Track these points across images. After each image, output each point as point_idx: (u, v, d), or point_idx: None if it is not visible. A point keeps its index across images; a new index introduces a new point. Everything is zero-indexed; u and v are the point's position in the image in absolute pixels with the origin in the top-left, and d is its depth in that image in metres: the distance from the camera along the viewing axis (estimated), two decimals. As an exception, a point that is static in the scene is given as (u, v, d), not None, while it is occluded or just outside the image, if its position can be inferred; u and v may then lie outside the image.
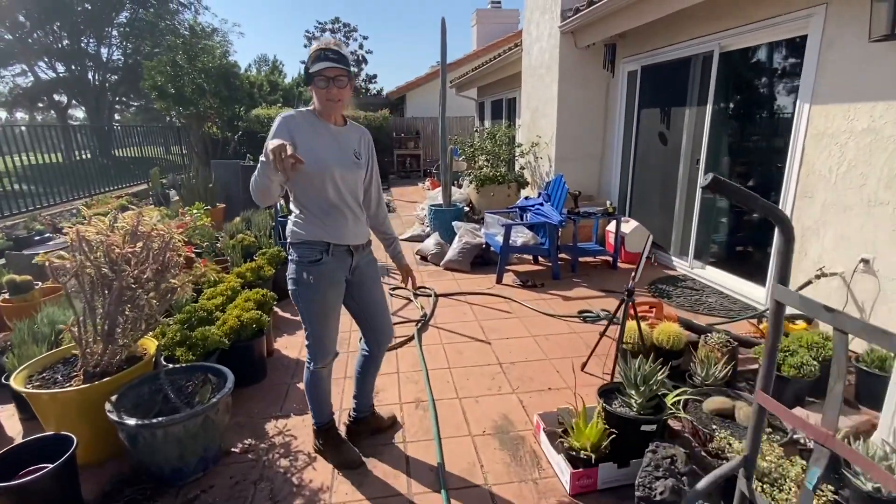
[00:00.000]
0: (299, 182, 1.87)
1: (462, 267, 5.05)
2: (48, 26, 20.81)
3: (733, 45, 4.09)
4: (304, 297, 1.95)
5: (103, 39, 22.56)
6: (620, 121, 5.87)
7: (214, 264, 3.84)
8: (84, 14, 21.18)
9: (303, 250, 1.93)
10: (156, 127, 14.84)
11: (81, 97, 23.02)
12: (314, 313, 1.98)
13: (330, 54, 1.79)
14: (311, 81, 1.83)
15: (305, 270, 1.91)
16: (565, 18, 5.70)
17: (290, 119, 1.84)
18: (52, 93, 24.24)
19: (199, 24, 18.53)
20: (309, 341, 2.04)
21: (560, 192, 4.77)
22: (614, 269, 5.01)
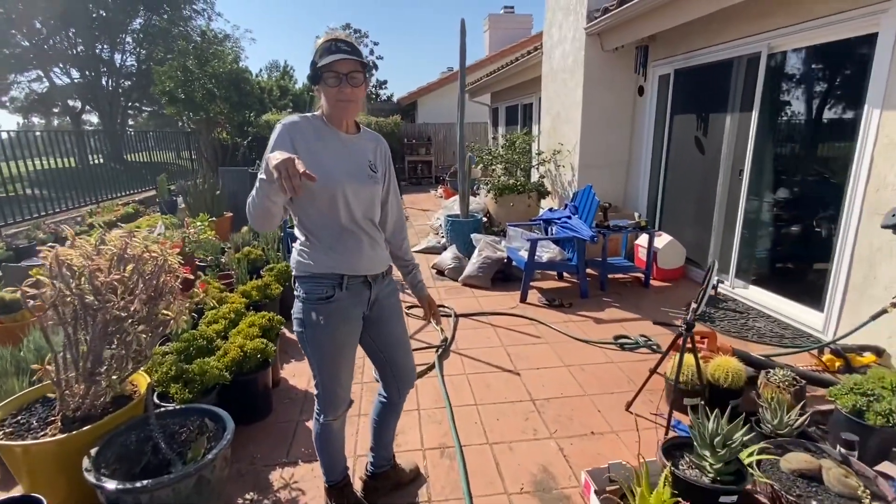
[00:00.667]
0: (304, 202, 1.56)
1: (482, 283, 4.72)
2: (63, 32, 20.94)
3: (784, 46, 3.74)
4: (314, 341, 1.63)
5: (117, 45, 22.66)
6: (650, 127, 5.53)
7: (217, 282, 3.55)
8: (99, 20, 21.29)
9: (311, 285, 1.61)
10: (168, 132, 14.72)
11: (95, 102, 23.13)
12: (325, 360, 1.66)
13: (342, 45, 1.48)
14: (318, 79, 1.51)
15: (314, 310, 1.60)
16: (592, 19, 5.39)
17: (292, 126, 1.52)
18: (66, 98, 24.42)
19: (212, 31, 18.51)
20: (318, 390, 1.73)
21: (589, 205, 4.43)
22: (646, 287, 4.65)
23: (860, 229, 3.13)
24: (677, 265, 4.84)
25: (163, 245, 2.20)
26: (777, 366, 2.80)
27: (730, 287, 4.40)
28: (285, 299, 3.85)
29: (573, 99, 5.90)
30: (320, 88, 1.53)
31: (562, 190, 6.45)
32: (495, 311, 4.11)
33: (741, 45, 4.08)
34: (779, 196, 4.01)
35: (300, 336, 1.66)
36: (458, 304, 4.27)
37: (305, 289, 1.62)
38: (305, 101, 17.45)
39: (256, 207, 1.40)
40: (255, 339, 2.60)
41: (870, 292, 3.10)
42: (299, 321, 1.64)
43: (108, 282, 1.86)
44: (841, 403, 2.35)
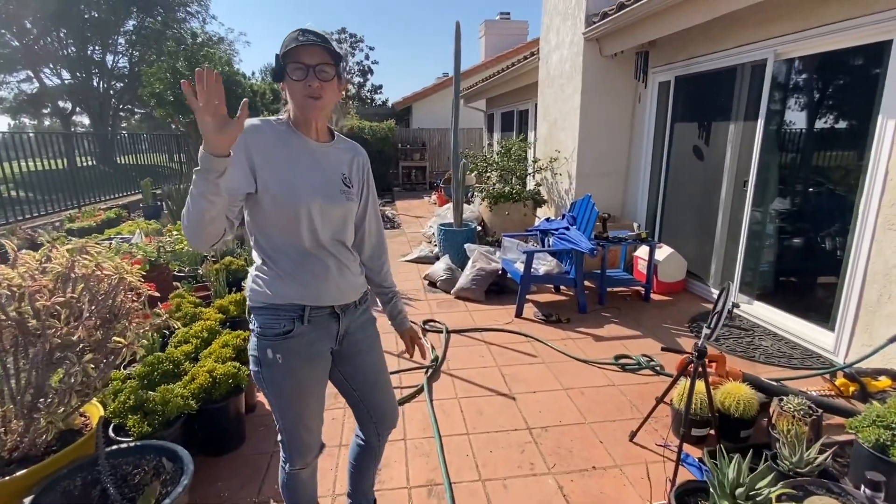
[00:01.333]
0: (260, 218, 1.33)
1: (476, 296, 4.52)
2: (55, 33, 20.63)
3: (792, 53, 3.59)
4: (273, 382, 1.39)
5: (109, 47, 22.37)
6: (649, 135, 5.37)
7: (192, 296, 3.32)
8: (91, 21, 21.00)
9: (267, 318, 1.36)
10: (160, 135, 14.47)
11: (85, 104, 22.79)
12: (288, 403, 1.42)
13: (309, 35, 1.26)
14: (282, 75, 1.28)
15: (271, 347, 1.36)
16: (590, 24, 5.23)
17: (251, 129, 1.27)
18: (56, 99, 24.06)
19: (205, 33, 18.28)
20: (282, 436, 1.50)
21: (588, 215, 4.25)
22: (647, 301, 4.47)
23: (874, 245, 2.97)
24: (678, 278, 4.67)
25: (124, 260, 1.98)
26: (790, 392, 2.61)
27: (734, 302, 4.22)
28: (266, 314, 3.63)
29: (571, 105, 5.74)
30: (285, 86, 1.30)
31: (558, 198, 6.28)
32: (489, 326, 3.90)
33: (746, 51, 3.92)
34: (785, 208, 3.85)
35: (256, 376, 1.42)
36: (450, 318, 4.06)
37: (261, 322, 1.37)
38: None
39: (190, 212, 1.14)
40: (226, 363, 2.38)
41: (885, 311, 2.93)
42: (255, 359, 1.40)
43: (49, 305, 1.64)
44: (863, 437, 2.16)
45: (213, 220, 1.16)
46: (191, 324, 2.95)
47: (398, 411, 1.72)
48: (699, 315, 4.13)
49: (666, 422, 2.60)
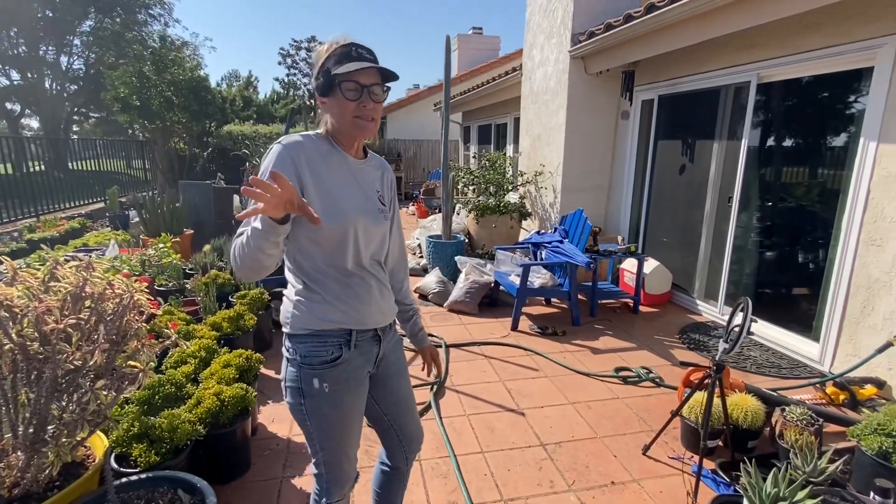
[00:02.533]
0: (304, 240, 1.27)
1: (469, 309, 4.50)
2: (4, 32, 19.49)
3: (774, 77, 3.78)
4: (317, 414, 1.30)
5: (63, 48, 21.31)
6: (632, 152, 5.53)
7: (182, 312, 3.15)
8: (45, 21, 19.97)
9: (312, 346, 1.28)
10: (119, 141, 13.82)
11: (37, 106, 21.57)
12: (332, 434, 1.34)
13: (364, 52, 1.22)
14: (330, 90, 1.22)
15: (318, 376, 1.28)
16: (576, 43, 5.37)
17: (296, 147, 1.23)
18: (4, 101, 22.68)
19: (169, 37, 17.70)
20: (320, 469, 1.38)
21: (581, 229, 4.32)
22: (636, 312, 4.56)
23: (857, 259, 3.14)
24: (664, 290, 4.80)
25: (125, 277, 1.86)
26: (791, 402, 2.71)
27: (719, 314, 4.37)
28: (261, 331, 3.48)
29: (556, 121, 5.85)
30: (330, 102, 1.25)
31: (542, 211, 6.37)
32: (488, 340, 3.88)
33: (729, 74, 4.11)
34: (769, 223, 4.03)
35: (296, 409, 1.32)
36: (446, 332, 4.02)
37: (305, 351, 1.29)
38: (270, 113, 16.90)
39: (248, 256, 1.12)
40: (233, 385, 2.26)
41: (868, 322, 3.09)
42: (296, 391, 1.30)
43: (59, 328, 1.51)
44: (865, 445, 2.25)
45: (269, 266, 1.16)
46: (186, 345, 2.80)
47: (423, 432, 1.66)
48: (688, 326, 4.24)
49: (674, 433, 2.64)
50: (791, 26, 3.47)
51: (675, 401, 2.98)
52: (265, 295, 3.60)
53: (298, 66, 27.65)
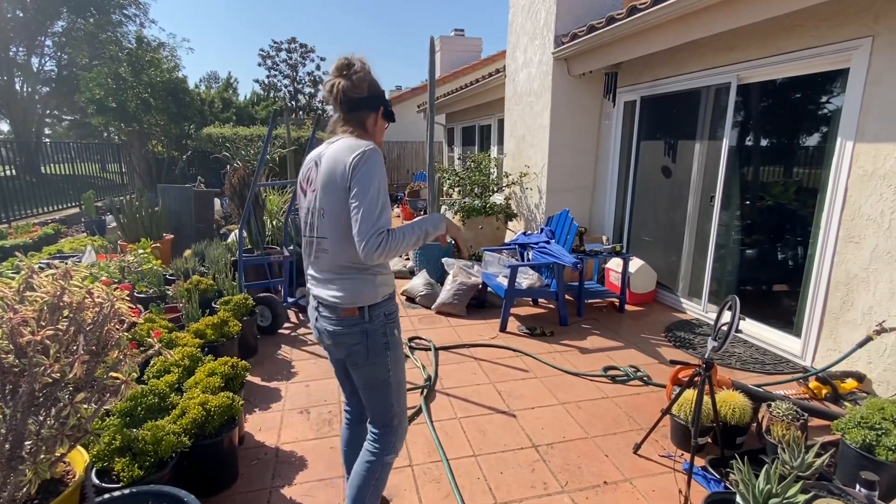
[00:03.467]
0: None
1: (457, 311, 4.48)
2: None
3: (754, 78, 3.86)
4: (398, 360, 1.68)
5: (35, 48, 20.67)
6: (615, 152, 5.59)
7: (163, 319, 3.07)
8: (14, 21, 19.34)
9: (390, 305, 1.67)
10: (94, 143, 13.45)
11: (7, 109, 20.86)
12: (404, 379, 1.73)
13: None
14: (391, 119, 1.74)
15: (396, 327, 1.68)
16: (559, 44, 5.41)
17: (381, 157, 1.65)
18: (-29, 103, 21.89)
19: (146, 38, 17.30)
20: (393, 424, 1.69)
21: (567, 229, 4.34)
22: (622, 311, 4.60)
23: (836, 256, 3.21)
24: (649, 289, 4.85)
25: (105, 284, 1.79)
26: (776, 397, 2.75)
27: (703, 311, 4.43)
28: (245, 338, 3.41)
29: (540, 123, 5.88)
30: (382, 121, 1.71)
31: (528, 212, 6.39)
32: (476, 342, 3.87)
33: (709, 75, 4.18)
34: (750, 222, 4.10)
35: (383, 366, 1.63)
36: (435, 335, 3.99)
37: (388, 309, 1.64)
38: (251, 115, 16.65)
39: (407, 243, 1.49)
40: (219, 394, 2.20)
41: (847, 317, 3.16)
42: (383, 346, 1.61)
43: (38, 339, 1.44)
44: (850, 438, 2.30)
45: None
46: (167, 349, 2.72)
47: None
48: (673, 324, 4.29)
49: (664, 431, 2.66)
50: (771, 28, 3.54)
51: (663, 399, 3.01)
52: (249, 300, 3.53)
53: (279, 67, 27.33)
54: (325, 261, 1.59)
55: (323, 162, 1.54)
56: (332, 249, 1.56)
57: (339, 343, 1.60)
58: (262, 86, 26.72)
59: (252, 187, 3.77)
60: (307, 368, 3.41)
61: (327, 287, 1.59)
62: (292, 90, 27.26)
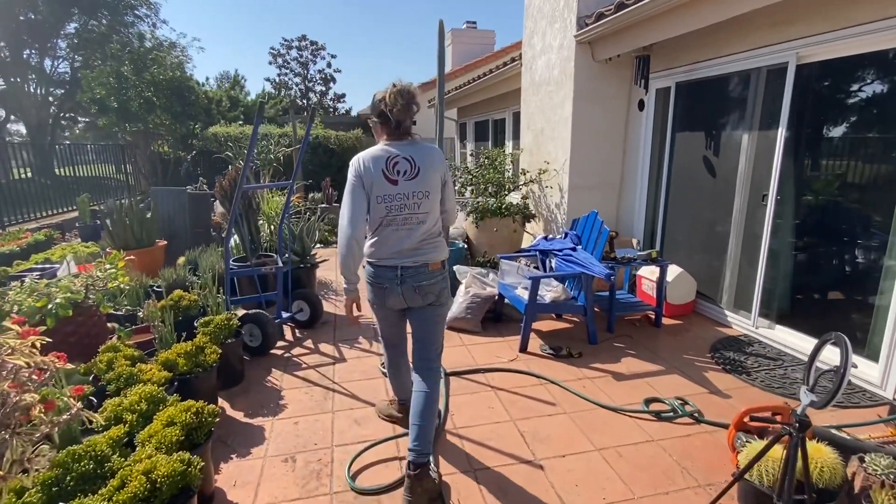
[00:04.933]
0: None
1: (471, 327, 3.99)
2: None
3: (817, 56, 3.28)
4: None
5: (48, 51, 20.65)
6: (646, 145, 5.04)
7: (129, 347, 2.64)
8: (27, 23, 19.29)
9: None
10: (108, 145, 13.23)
11: (21, 112, 20.89)
12: None
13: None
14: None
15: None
16: (582, 27, 4.87)
17: None
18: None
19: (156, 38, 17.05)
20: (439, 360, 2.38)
21: (597, 234, 3.82)
22: (658, 326, 4.07)
23: (931, 269, 2.65)
24: (688, 300, 4.30)
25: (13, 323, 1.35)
26: (868, 448, 2.22)
27: (752, 326, 3.88)
28: (228, 364, 2.98)
29: (561, 114, 5.35)
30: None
31: (547, 213, 5.87)
32: (493, 366, 3.38)
33: (760, 55, 3.61)
34: (812, 223, 3.54)
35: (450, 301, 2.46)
36: (445, 355, 3.49)
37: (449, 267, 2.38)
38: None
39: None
40: (172, 456, 1.74)
41: (947, 344, 2.60)
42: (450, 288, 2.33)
43: None
44: None
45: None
46: (126, 388, 2.29)
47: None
48: (719, 342, 3.75)
49: (730, 492, 2.14)
50: (841, -5, 2.98)
51: (721, 442, 2.49)
52: (233, 321, 3.09)
53: (289, 65, 27.11)
54: (419, 231, 2.13)
55: (418, 159, 2.11)
56: (428, 221, 2.15)
57: (429, 292, 2.18)
58: (272, 84, 26.56)
59: (237, 190, 3.33)
60: (298, 400, 2.96)
61: (418, 253, 2.14)
62: (303, 88, 27.03)
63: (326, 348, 3.75)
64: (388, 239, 2.11)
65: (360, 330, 4.12)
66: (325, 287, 5.47)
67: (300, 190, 8.84)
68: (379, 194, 2.07)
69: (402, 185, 2.08)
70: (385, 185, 2.07)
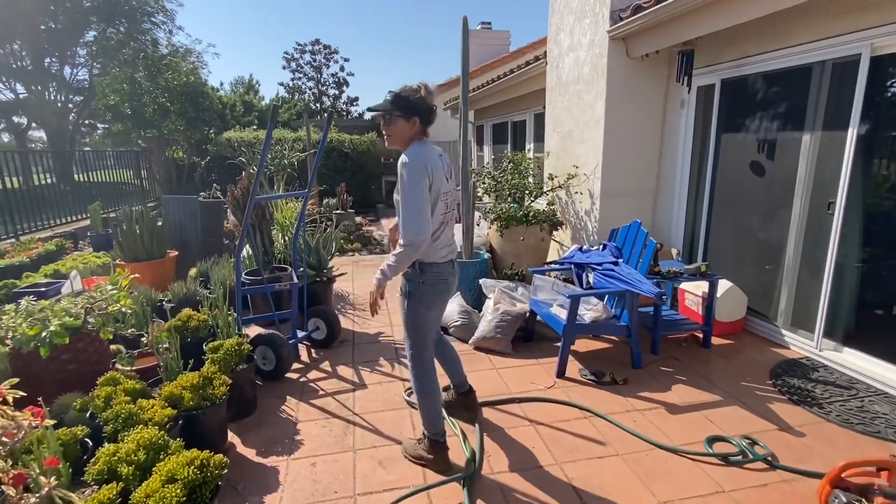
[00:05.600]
0: None
1: (501, 347, 3.67)
2: (8, 46, 19.03)
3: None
4: None
5: (67, 58, 20.88)
6: (685, 148, 4.67)
7: (130, 378, 2.37)
8: (48, 32, 19.50)
9: None
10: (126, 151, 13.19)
11: (42, 119, 21.13)
12: None
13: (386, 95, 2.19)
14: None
15: None
16: (616, 21, 4.53)
17: None
18: (11, 114, 22.35)
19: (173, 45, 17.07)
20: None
21: (640, 246, 3.47)
22: (706, 347, 3.71)
23: None
24: (737, 317, 3.92)
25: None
26: None
27: (815, 348, 3.49)
28: (241, 392, 2.70)
29: (592, 114, 5.01)
30: None
31: (576, 220, 5.52)
32: (530, 395, 3.05)
33: (826, 47, 3.24)
34: (889, 233, 3.15)
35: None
36: (476, 381, 3.18)
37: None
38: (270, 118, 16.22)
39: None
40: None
41: None
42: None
43: None
44: None
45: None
46: (125, 430, 2.02)
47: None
48: (779, 366, 3.37)
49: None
50: (931, -25, 2.60)
51: (803, 493, 2.14)
52: (244, 345, 2.81)
53: (303, 69, 27.10)
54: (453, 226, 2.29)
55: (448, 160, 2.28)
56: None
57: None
58: (286, 88, 26.56)
59: (249, 200, 3.06)
60: (315, 434, 2.67)
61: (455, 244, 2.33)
62: (316, 92, 26.99)
63: (345, 371, 3.46)
64: (446, 236, 2.22)
65: (380, 348, 3.83)
66: (341, 300, 5.19)
67: (314, 196, 8.61)
68: (441, 192, 2.14)
69: (452, 182, 2.25)
70: (444, 183, 2.17)
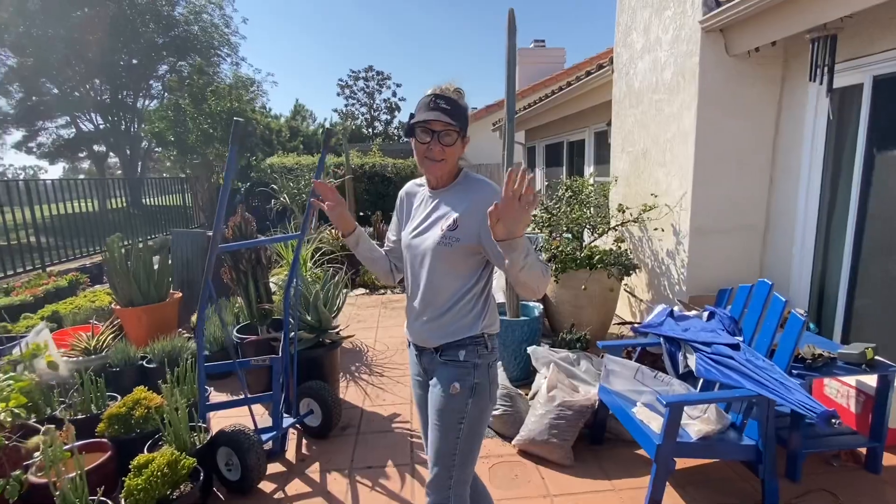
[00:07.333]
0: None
1: (558, 457, 2.58)
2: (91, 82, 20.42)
3: None
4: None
5: (141, 91, 22.16)
6: (812, 171, 3.46)
7: None
8: (125, 67, 20.79)
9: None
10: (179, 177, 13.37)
11: (117, 147, 22.45)
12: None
13: (441, 103, 1.41)
14: (410, 133, 1.47)
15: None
16: (713, 7, 3.46)
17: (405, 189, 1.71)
18: (92, 144, 24.02)
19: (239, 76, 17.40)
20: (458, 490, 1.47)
21: (773, 322, 2.31)
22: (875, 472, 2.44)
23: None
24: (916, 421, 2.63)
25: None
26: None
27: None
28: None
29: (677, 129, 3.90)
30: (413, 143, 1.49)
31: (653, 262, 4.36)
32: (603, 560, 1.96)
33: None
34: None
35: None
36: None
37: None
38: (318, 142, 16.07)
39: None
40: None
41: None
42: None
43: None
44: None
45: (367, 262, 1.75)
46: None
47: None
48: None
49: None
50: None
51: None
52: (184, 461, 1.92)
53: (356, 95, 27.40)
54: None
55: None
56: None
57: None
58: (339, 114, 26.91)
59: (211, 249, 2.25)
60: None
61: None
62: (369, 117, 27.14)
63: (337, 485, 2.50)
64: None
65: (392, 444, 2.85)
66: (356, 358, 4.26)
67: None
68: None
69: None
70: None
